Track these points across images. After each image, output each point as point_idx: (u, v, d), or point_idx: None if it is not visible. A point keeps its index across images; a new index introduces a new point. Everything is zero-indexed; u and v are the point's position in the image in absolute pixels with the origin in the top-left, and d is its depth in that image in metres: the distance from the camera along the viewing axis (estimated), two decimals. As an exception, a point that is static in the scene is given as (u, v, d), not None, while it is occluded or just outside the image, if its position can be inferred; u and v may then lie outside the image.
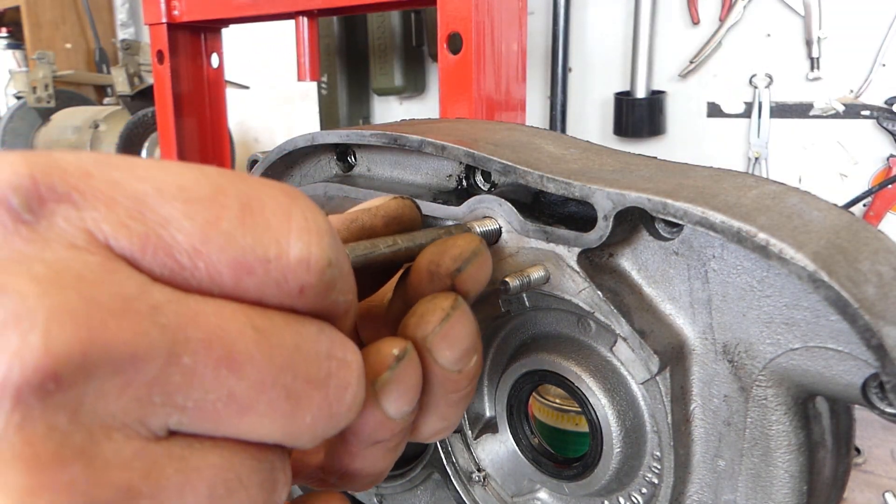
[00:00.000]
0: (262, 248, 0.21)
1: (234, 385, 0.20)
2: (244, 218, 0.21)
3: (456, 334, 0.28)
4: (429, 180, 0.46)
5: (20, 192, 0.19)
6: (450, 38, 1.02)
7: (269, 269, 0.21)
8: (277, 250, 0.21)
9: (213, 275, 0.21)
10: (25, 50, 2.76)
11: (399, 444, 0.29)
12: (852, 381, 0.31)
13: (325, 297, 0.23)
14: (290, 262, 0.22)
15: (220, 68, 1.58)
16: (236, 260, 0.21)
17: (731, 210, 0.32)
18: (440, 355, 0.28)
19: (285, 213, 0.22)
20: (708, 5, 1.48)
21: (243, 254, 0.21)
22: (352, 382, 0.23)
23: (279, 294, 0.22)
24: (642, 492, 0.41)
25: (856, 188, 1.38)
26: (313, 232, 0.22)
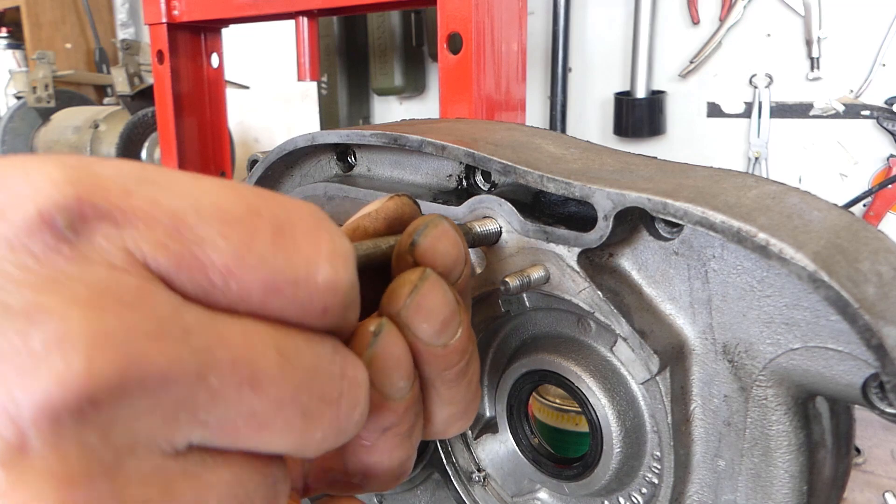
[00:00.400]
0: (292, 271, 0.22)
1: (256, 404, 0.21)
2: (276, 240, 0.22)
3: (428, 304, 0.28)
4: (429, 180, 0.46)
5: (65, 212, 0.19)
6: (450, 38, 1.02)
7: (298, 291, 0.22)
8: (307, 273, 0.22)
9: (244, 295, 0.21)
10: (25, 50, 2.76)
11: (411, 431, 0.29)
12: (852, 381, 0.31)
13: (343, 317, 0.24)
14: (319, 286, 0.23)
15: (220, 68, 1.58)
16: (267, 281, 0.22)
17: (731, 210, 0.32)
18: (418, 329, 0.28)
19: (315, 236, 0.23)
20: (708, 5, 1.48)
21: (274, 275, 0.22)
22: (361, 401, 0.24)
23: (302, 314, 0.23)
24: (642, 492, 0.41)
25: (856, 188, 1.38)
26: (339, 256, 0.23)
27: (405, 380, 0.28)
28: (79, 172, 0.20)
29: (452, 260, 0.30)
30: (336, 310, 0.23)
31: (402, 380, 0.27)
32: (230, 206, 0.22)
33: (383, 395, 0.27)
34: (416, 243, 0.30)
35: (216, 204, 0.21)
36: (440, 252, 0.30)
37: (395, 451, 0.29)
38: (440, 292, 0.29)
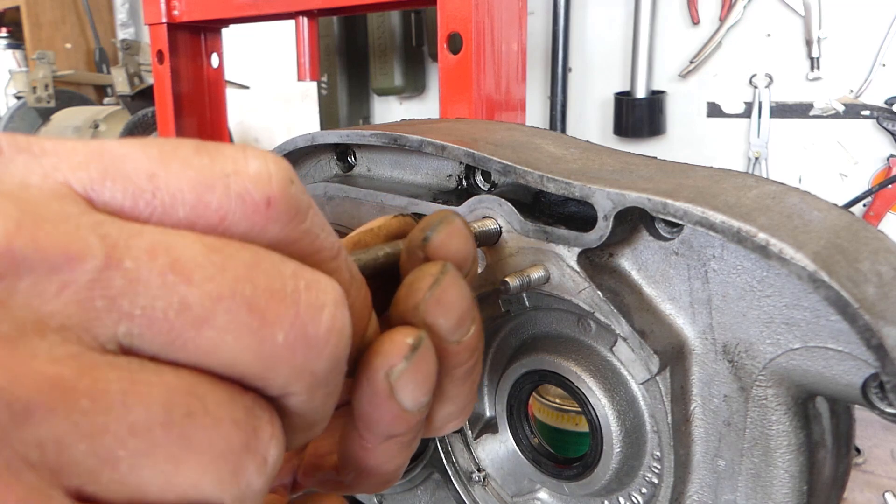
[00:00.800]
0: (220, 166, 0.21)
1: (185, 292, 0.19)
2: (199, 149, 0.21)
3: (449, 299, 0.27)
4: (429, 180, 0.46)
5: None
6: (450, 38, 1.02)
7: (229, 183, 0.21)
8: (235, 167, 0.21)
9: (175, 192, 0.20)
10: (25, 50, 2.76)
11: (413, 440, 0.29)
12: (852, 381, 0.31)
13: (296, 217, 0.22)
14: (250, 175, 0.21)
15: (220, 68, 1.58)
16: (195, 177, 0.21)
17: (731, 210, 0.32)
18: (436, 323, 0.27)
19: (239, 146, 0.22)
20: (708, 5, 1.48)
21: (201, 171, 0.21)
22: (327, 303, 0.22)
23: (245, 209, 0.21)
24: (642, 492, 0.41)
25: (856, 188, 1.38)
26: (269, 156, 0.22)
27: (428, 395, 0.27)
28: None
29: (463, 257, 0.30)
30: (283, 205, 0.21)
31: (426, 395, 0.27)
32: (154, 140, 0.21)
33: (402, 409, 0.26)
34: (429, 239, 0.29)
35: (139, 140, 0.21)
36: (453, 248, 0.29)
37: (395, 458, 0.28)
38: (460, 287, 0.28)
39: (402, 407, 0.26)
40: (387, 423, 0.26)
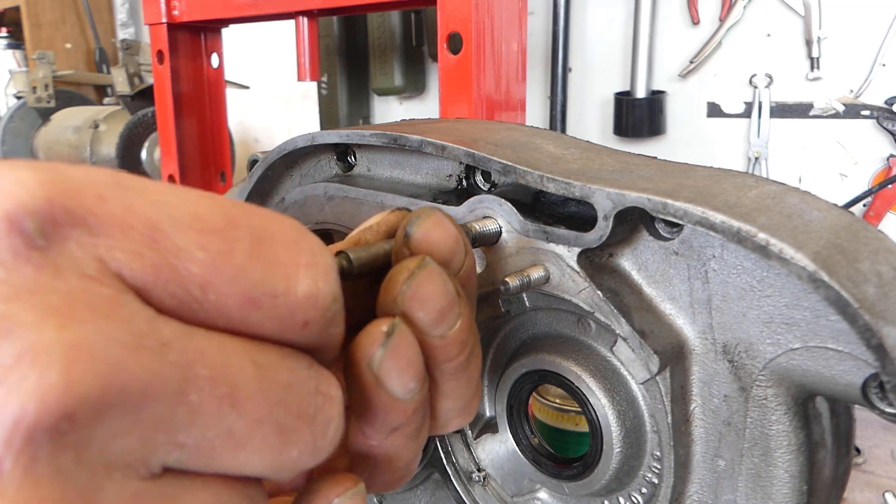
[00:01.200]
0: (272, 283, 0.21)
1: (234, 422, 0.20)
2: (255, 250, 0.21)
3: (425, 292, 0.27)
4: (429, 180, 0.46)
5: (36, 216, 0.18)
6: (450, 38, 1.02)
7: (277, 304, 0.21)
8: (286, 286, 0.21)
9: (222, 307, 0.21)
10: (25, 50, 2.76)
11: (419, 430, 0.29)
12: (852, 381, 0.31)
13: (324, 332, 0.23)
14: (298, 299, 0.22)
15: (220, 68, 1.58)
16: (246, 294, 0.21)
17: (731, 210, 0.32)
18: (415, 317, 0.27)
19: (294, 248, 0.22)
20: (708, 5, 1.48)
21: (253, 288, 0.21)
22: (335, 417, 0.23)
23: (282, 328, 0.22)
24: (642, 492, 0.41)
25: (856, 188, 1.38)
26: (320, 268, 0.22)
27: (416, 381, 0.27)
28: (50, 175, 0.19)
29: (449, 249, 0.29)
30: (317, 324, 0.23)
31: (413, 381, 0.27)
32: (207, 216, 0.21)
33: (393, 397, 0.26)
34: (410, 234, 0.29)
35: (193, 213, 0.21)
36: (435, 241, 0.29)
37: (403, 451, 0.28)
38: (438, 281, 0.28)
39: (391, 395, 0.26)
40: (382, 414, 0.27)
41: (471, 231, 0.38)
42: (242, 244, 0.21)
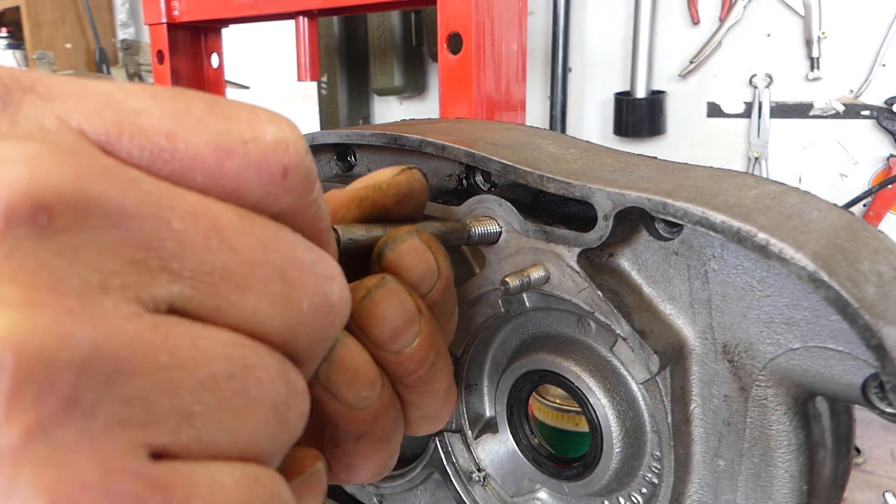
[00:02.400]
0: (238, 131, 0.21)
1: (227, 257, 0.20)
2: (212, 108, 0.21)
3: (379, 312, 0.28)
4: (429, 180, 0.46)
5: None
6: (450, 38, 1.02)
7: (249, 150, 0.21)
8: (253, 132, 0.21)
9: (194, 156, 0.20)
10: (25, 50, 2.76)
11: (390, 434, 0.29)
12: (852, 381, 0.31)
13: (308, 188, 0.22)
14: (269, 143, 0.21)
15: (220, 68, 1.58)
16: (214, 141, 0.20)
17: (731, 210, 0.32)
18: (369, 334, 0.28)
19: (250, 108, 0.22)
20: (708, 5, 1.48)
21: (220, 136, 0.20)
22: (334, 273, 0.23)
23: (262, 178, 0.21)
24: (642, 492, 0.41)
25: (856, 188, 1.38)
26: (283, 121, 0.22)
27: (368, 389, 0.27)
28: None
29: (419, 275, 0.30)
30: (299, 174, 0.22)
31: (365, 390, 0.27)
32: (157, 88, 0.20)
33: (348, 406, 0.27)
34: (383, 254, 0.30)
35: (143, 87, 0.20)
36: (403, 266, 0.30)
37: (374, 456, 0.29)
38: (394, 300, 0.28)
39: (345, 405, 0.26)
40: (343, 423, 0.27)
41: (470, 231, 0.38)
42: (198, 103, 0.20)
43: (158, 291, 0.19)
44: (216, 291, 0.20)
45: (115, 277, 0.18)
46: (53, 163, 0.17)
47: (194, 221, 0.19)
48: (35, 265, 0.16)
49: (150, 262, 0.18)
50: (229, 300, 0.20)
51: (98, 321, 0.17)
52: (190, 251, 0.19)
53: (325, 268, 0.23)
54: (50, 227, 0.17)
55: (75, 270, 0.17)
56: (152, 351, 0.18)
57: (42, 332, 0.16)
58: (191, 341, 0.19)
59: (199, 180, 0.20)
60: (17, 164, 0.16)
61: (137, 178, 0.19)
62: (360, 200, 0.31)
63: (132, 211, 0.18)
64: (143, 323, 0.18)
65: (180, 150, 0.20)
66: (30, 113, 0.18)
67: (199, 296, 0.19)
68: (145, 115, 0.20)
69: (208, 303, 0.20)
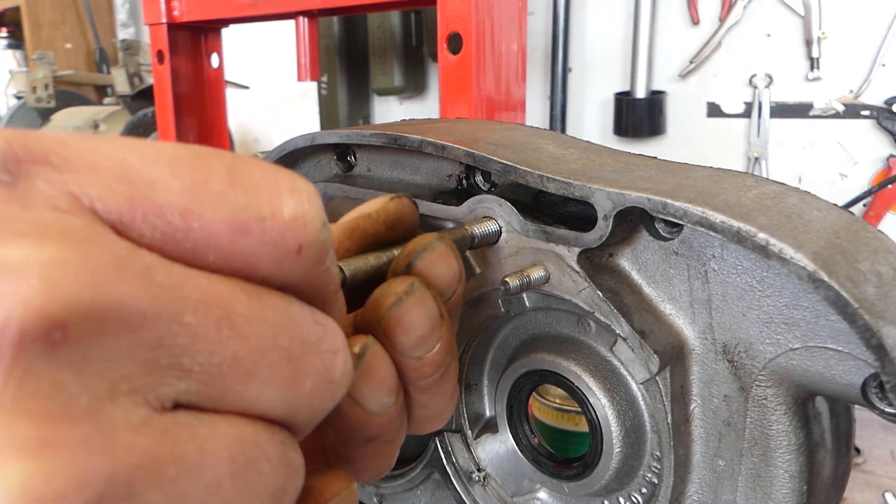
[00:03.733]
0: (256, 207, 0.20)
1: (237, 346, 0.19)
2: (232, 178, 0.20)
3: (409, 318, 0.28)
4: (429, 180, 0.46)
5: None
6: (450, 38, 1.02)
7: (266, 228, 0.20)
8: (271, 209, 0.20)
9: (209, 236, 0.19)
10: (25, 50, 2.76)
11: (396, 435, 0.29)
12: (852, 381, 0.31)
13: (321, 262, 0.22)
14: (286, 220, 0.20)
15: (220, 68, 1.58)
16: (231, 219, 0.20)
17: (731, 210, 0.32)
18: (396, 340, 0.28)
19: (272, 175, 0.21)
20: (708, 5, 1.48)
21: (237, 213, 0.20)
22: (340, 347, 0.23)
23: (277, 255, 0.21)
24: (642, 492, 0.41)
25: (856, 188, 1.38)
26: (303, 192, 0.21)
27: (389, 396, 0.27)
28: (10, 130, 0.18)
29: (447, 282, 0.30)
30: (313, 248, 0.21)
31: (386, 396, 0.27)
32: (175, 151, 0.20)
33: (367, 411, 0.27)
34: (413, 265, 0.30)
35: (160, 149, 0.20)
36: (435, 275, 0.30)
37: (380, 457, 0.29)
38: (423, 307, 0.28)
39: (366, 411, 0.27)
40: (359, 427, 0.27)
41: (471, 234, 0.38)
42: (218, 172, 0.20)
43: (167, 390, 0.18)
44: (223, 383, 0.19)
45: (125, 382, 0.18)
46: (69, 272, 0.17)
47: (206, 312, 0.19)
48: (48, 387, 0.16)
49: (161, 360, 0.18)
50: (235, 389, 0.20)
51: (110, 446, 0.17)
52: (201, 345, 0.19)
53: (330, 342, 0.22)
54: (63, 342, 0.16)
55: (86, 384, 0.17)
56: (161, 465, 0.18)
57: (59, 479, 0.16)
58: (198, 446, 0.19)
59: (210, 259, 0.20)
60: (31, 276, 0.16)
61: (151, 268, 0.18)
62: (352, 231, 0.31)
63: (146, 311, 0.18)
64: (152, 432, 0.18)
65: (195, 230, 0.19)
66: (42, 190, 0.18)
67: (206, 389, 0.19)
68: (161, 188, 0.19)
69: (214, 395, 0.19)
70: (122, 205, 0.19)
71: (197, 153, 0.20)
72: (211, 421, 0.19)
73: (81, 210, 0.18)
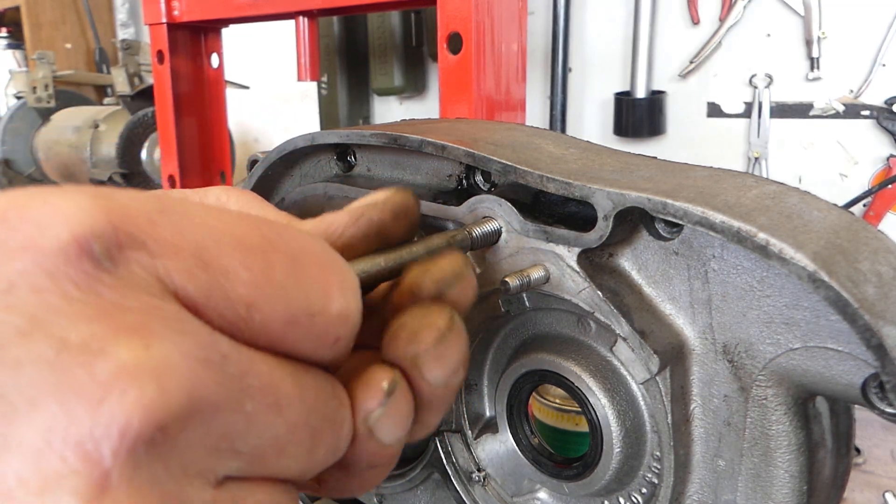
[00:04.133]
0: (309, 303, 0.23)
1: (279, 428, 0.22)
2: (292, 270, 0.23)
3: (450, 354, 0.28)
4: (429, 180, 0.46)
5: (102, 239, 0.19)
6: (450, 38, 1.02)
7: (315, 323, 0.23)
8: (322, 305, 0.23)
9: (266, 326, 0.22)
10: (25, 50, 2.76)
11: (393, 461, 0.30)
12: (852, 381, 0.31)
13: (350, 347, 0.25)
14: (333, 317, 0.23)
15: (220, 68, 1.58)
16: (287, 313, 0.22)
17: (731, 210, 0.32)
18: (430, 374, 0.28)
19: (327, 268, 0.24)
20: (708, 5, 1.48)
21: (293, 307, 0.22)
22: (347, 417, 0.25)
23: (316, 345, 0.23)
24: (642, 492, 0.41)
25: (856, 188, 1.38)
26: (349, 288, 0.24)
27: (406, 430, 0.28)
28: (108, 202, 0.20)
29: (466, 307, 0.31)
30: (346, 339, 0.24)
31: (403, 430, 0.28)
32: (247, 237, 0.22)
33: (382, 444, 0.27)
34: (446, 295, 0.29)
35: (234, 234, 0.22)
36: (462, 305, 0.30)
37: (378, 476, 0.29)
38: (462, 340, 0.29)
39: (381, 444, 0.27)
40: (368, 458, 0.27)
41: (471, 235, 0.38)
42: (282, 264, 0.22)
43: (221, 470, 0.21)
44: (263, 460, 0.22)
45: (193, 467, 0.20)
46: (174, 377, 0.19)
47: (262, 399, 0.21)
48: (149, 481, 0.18)
49: (222, 445, 0.20)
50: (269, 464, 0.22)
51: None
52: (253, 430, 0.21)
53: (342, 414, 0.25)
54: (163, 441, 0.19)
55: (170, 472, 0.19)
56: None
57: None
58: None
59: (261, 343, 0.22)
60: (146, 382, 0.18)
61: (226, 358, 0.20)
62: (358, 218, 0.31)
63: (220, 403, 0.20)
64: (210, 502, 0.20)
65: (255, 321, 0.22)
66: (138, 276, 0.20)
67: (249, 466, 0.22)
68: (233, 279, 0.21)
69: (254, 469, 0.22)
70: (201, 292, 0.21)
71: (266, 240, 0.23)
72: (251, 490, 0.22)
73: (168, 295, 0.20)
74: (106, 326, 0.18)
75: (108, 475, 0.17)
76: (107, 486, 0.17)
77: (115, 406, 0.18)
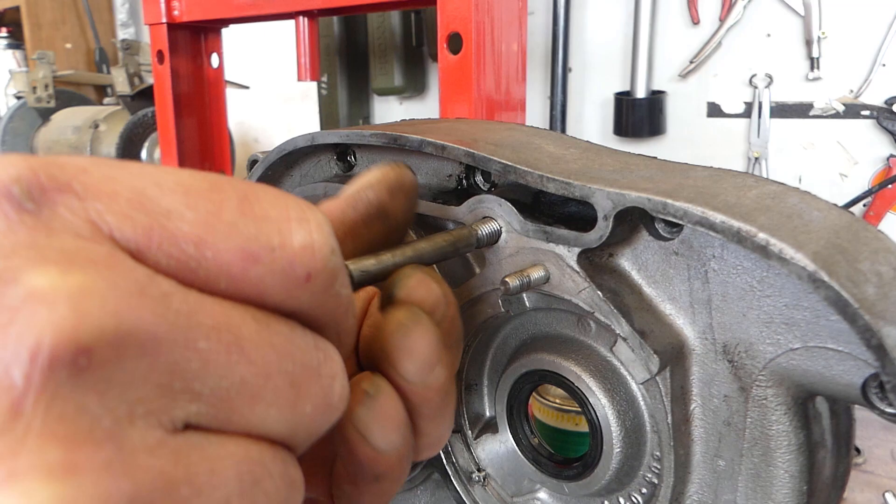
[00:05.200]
0: (266, 236, 0.21)
1: (245, 371, 0.20)
2: (243, 207, 0.21)
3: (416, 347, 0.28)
4: (429, 180, 0.46)
5: (21, 181, 0.19)
6: (450, 38, 1.02)
7: (276, 258, 0.21)
8: (281, 238, 0.21)
9: (221, 264, 0.21)
10: (25, 50, 2.76)
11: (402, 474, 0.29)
12: (852, 381, 0.31)
13: (329, 288, 0.23)
14: (295, 249, 0.22)
15: (220, 68, 1.58)
16: (242, 248, 0.21)
17: (731, 210, 0.32)
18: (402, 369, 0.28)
19: (282, 204, 0.22)
20: (708, 5, 1.48)
21: (248, 242, 0.21)
22: (338, 372, 0.24)
23: (286, 283, 0.22)
24: (642, 492, 0.41)
25: (856, 188, 1.38)
26: (312, 221, 0.22)
27: (397, 433, 0.28)
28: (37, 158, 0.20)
29: (430, 305, 0.30)
30: (321, 276, 0.22)
31: (394, 433, 0.28)
32: (190, 181, 0.21)
33: (376, 449, 0.27)
34: (394, 297, 0.30)
35: (176, 179, 0.21)
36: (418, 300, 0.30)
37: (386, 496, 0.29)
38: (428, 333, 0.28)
39: (375, 449, 0.27)
40: (367, 465, 0.27)
41: (472, 235, 0.38)
42: (230, 203, 0.21)
43: (179, 413, 0.19)
44: (231, 406, 0.20)
45: (141, 405, 0.19)
46: (95, 300, 0.18)
47: (218, 338, 0.20)
48: (74, 411, 0.17)
49: (174, 384, 0.19)
50: (241, 411, 0.21)
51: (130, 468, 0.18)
52: (212, 369, 0.20)
53: (329, 368, 0.23)
54: (88, 367, 0.17)
55: (107, 407, 0.18)
56: (176, 485, 0.19)
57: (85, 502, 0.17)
58: (209, 467, 0.20)
59: (222, 286, 0.21)
60: (60, 303, 0.17)
61: (168, 294, 0.19)
62: (356, 202, 0.31)
63: (164, 336, 0.19)
64: (166, 453, 0.19)
65: (207, 259, 0.20)
66: (65, 217, 0.19)
67: (215, 411, 0.20)
68: (176, 218, 0.20)
69: (222, 417, 0.20)
70: (140, 233, 0.20)
71: (211, 183, 0.21)
72: (220, 442, 0.20)
73: (102, 237, 0.19)
74: (23, 259, 0.18)
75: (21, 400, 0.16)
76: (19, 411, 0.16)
77: (22, 327, 0.17)
